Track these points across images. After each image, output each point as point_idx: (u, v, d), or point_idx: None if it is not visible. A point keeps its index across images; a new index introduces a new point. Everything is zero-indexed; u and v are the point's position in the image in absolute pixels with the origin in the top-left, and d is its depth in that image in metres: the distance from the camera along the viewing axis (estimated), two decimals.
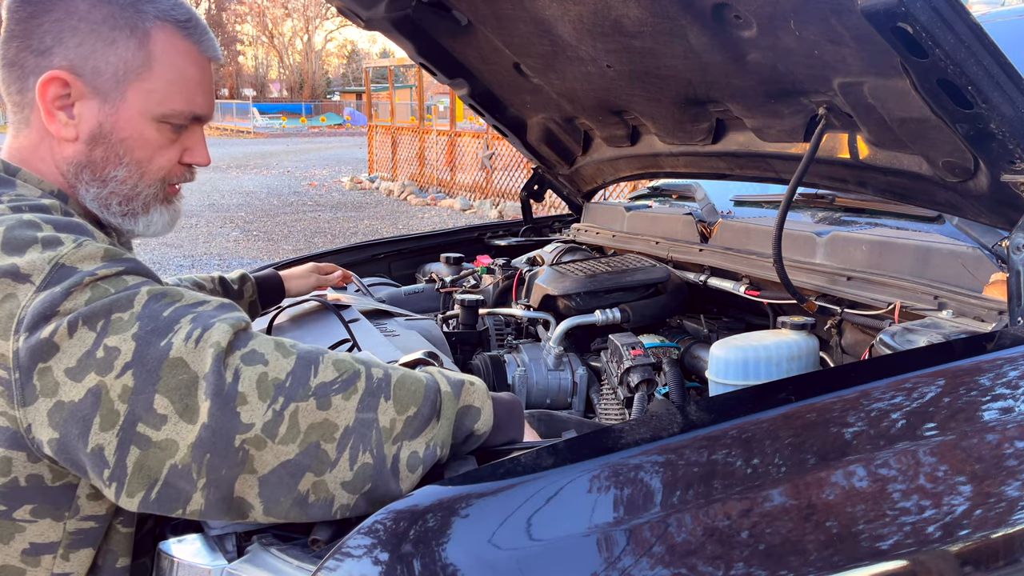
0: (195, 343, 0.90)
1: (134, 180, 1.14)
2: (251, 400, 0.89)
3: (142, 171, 1.14)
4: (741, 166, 1.97)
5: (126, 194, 1.14)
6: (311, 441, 0.92)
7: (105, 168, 1.12)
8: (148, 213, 1.17)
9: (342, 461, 0.93)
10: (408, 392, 0.99)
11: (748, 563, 0.90)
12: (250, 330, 0.96)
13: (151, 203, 1.17)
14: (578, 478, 0.94)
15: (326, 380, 0.94)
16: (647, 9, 1.52)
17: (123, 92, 1.10)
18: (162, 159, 1.15)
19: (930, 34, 1.08)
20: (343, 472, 0.94)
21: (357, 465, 0.94)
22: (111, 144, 1.11)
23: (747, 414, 1.03)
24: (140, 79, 1.10)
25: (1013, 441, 1.06)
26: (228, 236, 9.53)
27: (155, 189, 1.16)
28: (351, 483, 0.94)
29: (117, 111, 1.10)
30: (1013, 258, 1.27)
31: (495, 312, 2.15)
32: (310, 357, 0.95)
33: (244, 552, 1.00)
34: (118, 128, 1.11)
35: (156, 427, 0.88)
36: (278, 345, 0.95)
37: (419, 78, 14.25)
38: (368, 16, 2.10)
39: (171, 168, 1.17)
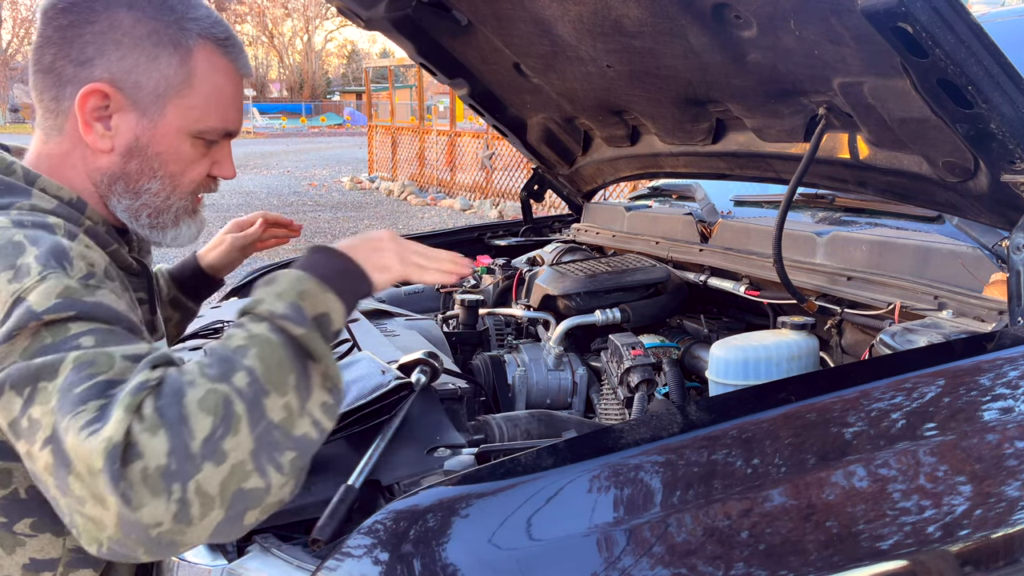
0: (87, 436, 0.83)
1: (166, 193, 1.15)
2: (147, 501, 0.82)
3: (175, 184, 1.15)
4: (741, 166, 1.97)
5: (157, 206, 1.15)
6: (231, 492, 0.85)
7: (139, 181, 1.13)
8: (177, 226, 1.19)
9: (271, 478, 0.88)
10: (276, 370, 0.91)
11: (748, 563, 0.90)
12: (144, 408, 0.86)
13: (181, 216, 1.19)
14: (578, 478, 0.94)
15: (206, 434, 0.85)
16: (647, 9, 1.52)
17: (162, 107, 1.10)
18: (194, 173, 1.17)
19: (930, 34, 1.09)
20: (278, 483, 0.89)
21: (286, 467, 0.90)
22: (146, 157, 1.12)
23: (747, 414, 1.03)
24: (180, 96, 1.11)
25: (1013, 441, 1.06)
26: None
27: (186, 202, 1.18)
28: (292, 480, 0.91)
29: (155, 126, 1.11)
30: (1013, 258, 1.27)
31: (495, 312, 2.15)
32: (179, 417, 0.86)
33: (244, 552, 1.01)
34: (155, 142, 1.11)
35: (81, 505, 0.84)
36: (148, 424, 0.85)
37: (419, 78, 14.25)
38: (368, 16, 2.10)
39: (200, 181, 1.19)
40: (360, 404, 1.22)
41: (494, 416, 1.48)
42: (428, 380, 1.39)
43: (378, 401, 1.24)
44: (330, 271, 1.04)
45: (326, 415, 0.95)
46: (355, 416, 1.22)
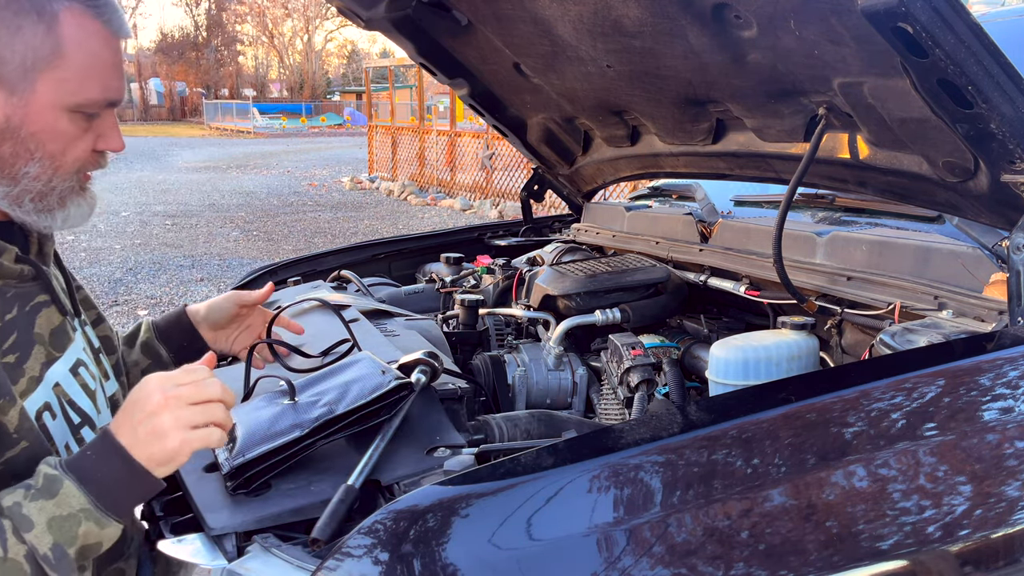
0: None
1: (48, 175, 1.05)
2: None
3: (56, 165, 1.05)
4: (741, 166, 1.97)
5: (40, 191, 1.05)
6: None
7: (15, 165, 1.03)
8: (65, 207, 1.09)
9: None
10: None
11: (748, 563, 0.90)
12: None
13: (67, 196, 1.08)
14: (578, 478, 0.94)
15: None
16: (647, 9, 1.52)
17: (32, 82, 1.00)
18: (76, 151, 1.06)
19: (930, 34, 1.08)
20: None
21: None
22: (20, 139, 1.01)
23: (747, 414, 1.03)
24: (51, 68, 1.00)
25: (1013, 441, 1.06)
26: (228, 236, 9.53)
27: (71, 182, 1.08)
28: None
29: (26, 103, 1.00)
30: (1013, 258, 1.27)
31: (495, 312, 2.15)
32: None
33: (244, 552, 1.01)
34: (28, 121, 1.01)
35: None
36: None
37: (419, 78, 14.25)
38: (368, 16, 2.10)
39: (85, 157, 1.09)
40: (360, 404, 1.22)
41: (494, 416, 1.48)
42: (428, 380, 1.39)
43: (378, 401, 1.24)
44: (122, 496, 0.97)
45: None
46: (355, 416, 1.22)
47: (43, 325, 1.10)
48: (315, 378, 1.34)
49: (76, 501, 0.94)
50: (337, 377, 1.32)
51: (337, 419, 1.20)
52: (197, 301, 6.25)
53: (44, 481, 0.95)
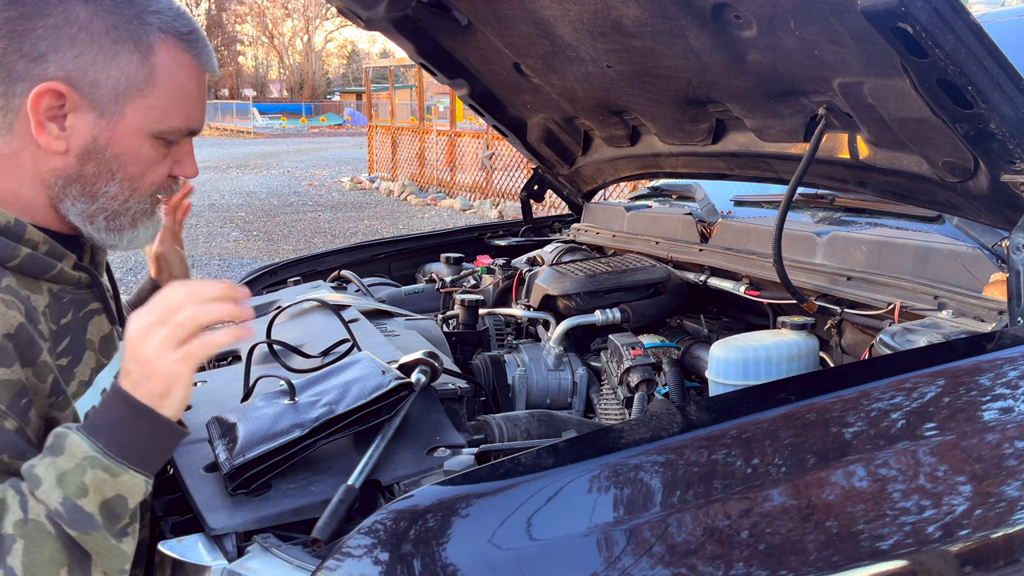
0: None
1: (125, 196, 1.09)
2: None
3: (134, 187, 1.09)
4: (741, 166, 1.97)
5: (115, 210, 1.09)
6: None
7: (96, 184, 1.06)
8: (135, 228, 1.12)
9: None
10: (43, 567, 0.88)
11: (748, 563, 0.90)
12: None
13: (139, 218, 1.12)
14: (578, 478, 0.94)
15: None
16: (647, 9, 1.52)
17: (122, 107, 1.04)
18: (154, 175, 1.11)
19: (930, 34, 1.09)
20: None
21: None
22: (104, 160, 1.05)
23: (747, 414, 1.03)
24: (141, 95, 1.05)
25: (1013, 441, 1.06)
26: (228, 236, 9.53)
27: (145, 204, 1.12)
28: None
29: (114, 126, 1.04)
30: (1013, 258, 1.27)
31: (495, 312, 2.15)
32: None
33: (244, 552, 1.01)
34: (113, 144, 1.05)
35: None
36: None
37: (419, 78, 14.25)
38: (368, 16, 2.10)
39: (161, 182, 1.13)
40: (360, 404, 1.22)
41: (494, 416, 1.48)
42: (428, 380, 1.39)
43: (378, 401, 1.24)
44: (126, 435, 0.94)
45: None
46: (355, 416, 1.22)
47: (94, 332, 1.13)
48: (315, 378, 1.34)
49: (79, 451, 0.92)
50: (337, 377, 1.32)
51: (337, 419, 1.20)
52: None
53: (53, 439, 0.94)
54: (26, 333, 0.97)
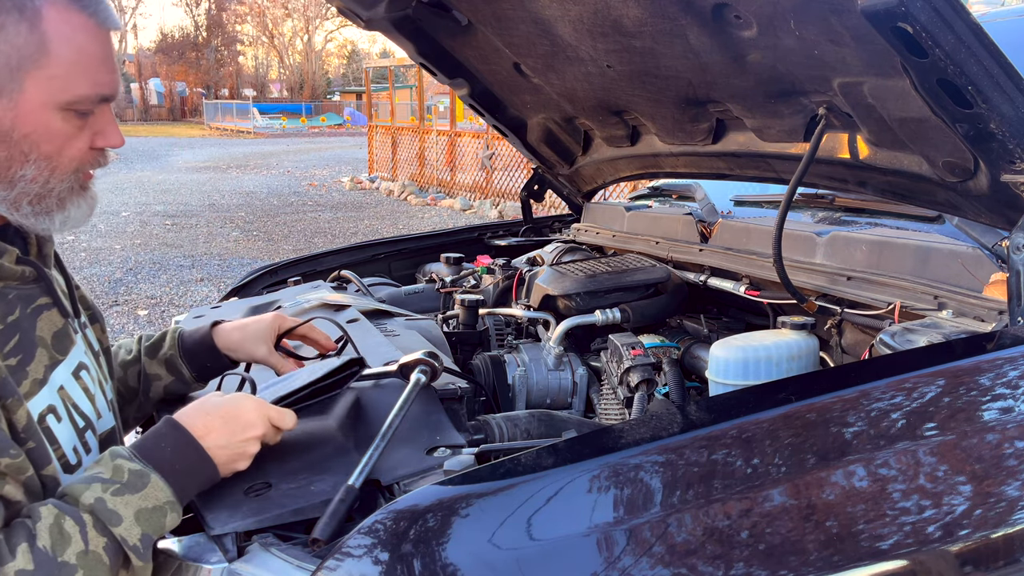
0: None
1: (44, 177, 1.02)
2: None
3: (53, 166, 1.03)
4: (741, 166, 1.97)
5: (37, 193, 1.03)
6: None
7: (10, 168, 1.00)
8: (64, 209, 1.06)
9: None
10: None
11: (748, 563, 0.90)
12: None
13: (66, 198, 1.06)
14: (578, 478, 0.94)
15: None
16: (647, 9, 1.52)
17: (20, 83, 0.97)
18: (72, 150, 1.04)
19: (930, 34, 1.09)
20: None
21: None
22: (13, 142, 0.99)
23: (747, 414, 1.03)
24: (37, 66, 0.97)
25: (1013, 441, 1.06)
26: (228, 236, 9.53)
27: (69, 183, 1.05)
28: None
29: (16, 105, 0.98)
30: (1013, 258, 1.27)
31: (495, 312, 2.15)
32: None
33: (244, 552, 1.00)
34: (19, 123, 0.98)
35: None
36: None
37: (419, 78, 14.25)
38: (368, 16, 2.10)
39: (83, 156, 1.06)
40: (309, 382, 1.27)
41: (494, 416, 1.48)
42: (428, 380, 1.39)
43: (327, 378, 1.28)
44: (191, 484, 1.05)
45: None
46: (304, 392, 1.27)
47: (45, 328, 1.09)
48: (282, 378, 1.37)
49: (162, 495, 1.00)
50: (300, 373, 1.36)
51: (285, 396, 1.25)
52: (197, 301, 6.13)
53: (129, 476, 0.99)
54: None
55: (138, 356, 1.42)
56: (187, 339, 1.43)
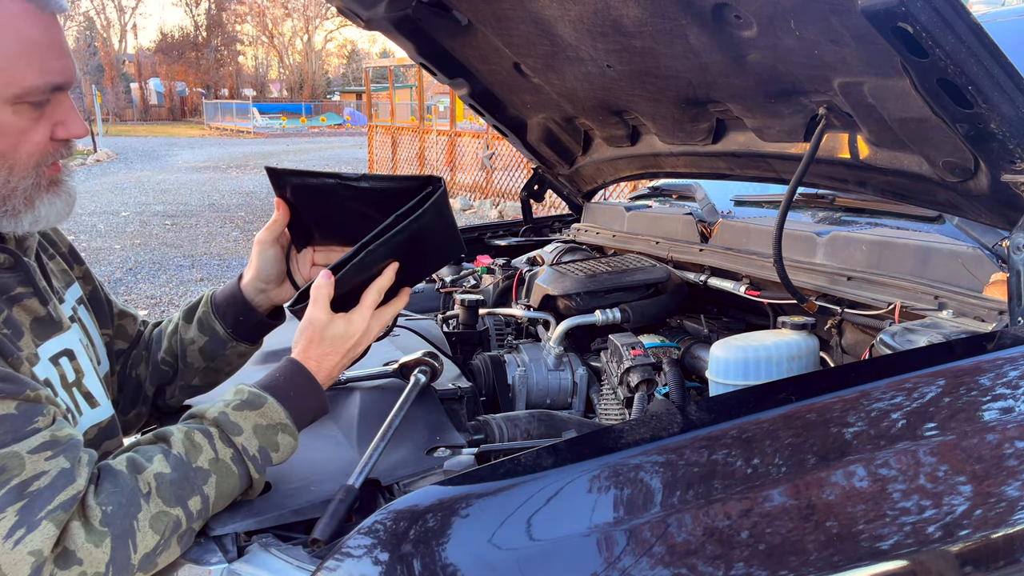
0: (13, 544, 0.86)
1: (3, 176, 0.99)
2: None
3: (10, 164, 0.99)
4: (741, 166, 1.97)
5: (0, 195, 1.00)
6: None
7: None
8: (33, 207, 1.03)
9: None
10: (226, 499, 1.04)
11: (748, 563, 0.90)
12: (91, 517, 0.90)
13: (33, 195, 1.02)
14: (578, 478, 0.94)
15: (148, 551, 0.93)
16: (647, 9, 1.52)
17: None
18: (29, 144, 1.00)
19: (930, 34, 1.08)
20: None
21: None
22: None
23: (747, 414, 1.03)
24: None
25: (1013, 441, 1.06)
26: (228, 236, 9.52)
27: (32, 179, 1.02)
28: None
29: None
30: (1013, 258, 1.27)
31: (495, 312, 2.15)
32: (127, 530, 0.91)
33: (244, 552, 1.00)
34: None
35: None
36: (94, 535, 0.89)
37: (419, 78, 14.24)
38: (368, 16, 2.09)
39: (43, 150, 1.02)
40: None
41: (494, 416, 1.48)
42: (428, 380, 1.39)
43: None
44: (308, 414, 1.15)
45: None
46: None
47: (23, 316, 1.08)
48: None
49: (276, 415, 1.09)
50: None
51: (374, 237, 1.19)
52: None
53: (249, 395, 1.09)
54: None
55: (177, 325, 1.41)
56: (218, 296, 1.39)
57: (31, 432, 0.92)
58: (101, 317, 1.34)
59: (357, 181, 1.24)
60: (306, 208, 1.32)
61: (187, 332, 1.39)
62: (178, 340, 1.40)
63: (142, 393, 1.41)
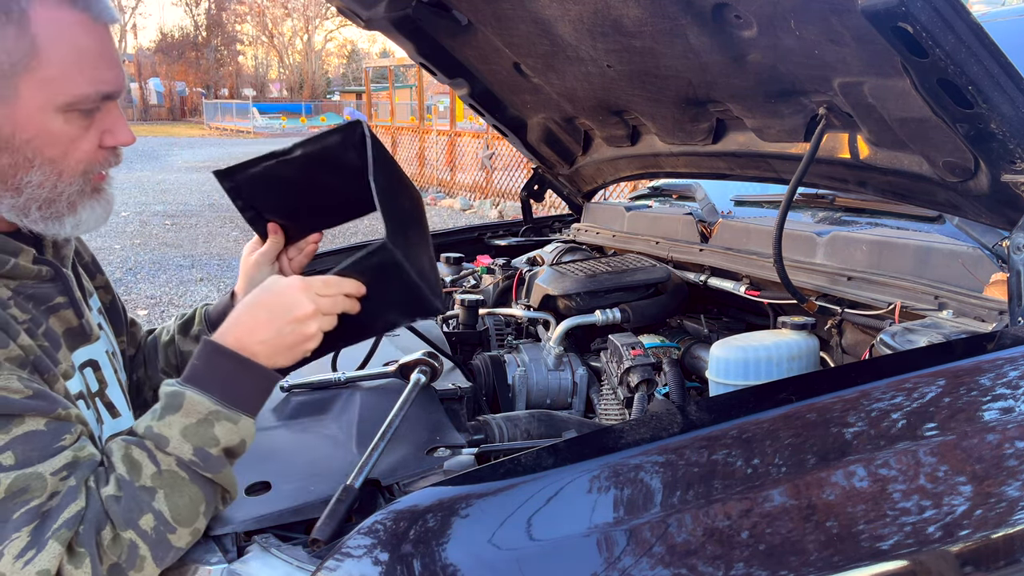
0: (24, 564, 0.87)
1: (52, 182, 1.01)
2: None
3: (59, 170, 1.01)
4: (741, 166, 1.97)
5: (46, 198, 1.02)
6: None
7: (16, 175, 0.99)
8: (75, 212, 1.05)
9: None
10: (186, 507, 0.97)
11: (748, 563, 0.90)
12: (80, 535, 0.91)
13: (77, 201, 1.05)
14: (578, 478, 0.94)
15: (111, 564, 0.92)
16: (647, 9, 1.52)
17: (14, 88, 0.95)
18: (79, 152, 1.02)
19: (930, 34, 1.08)
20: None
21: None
22: (16, 148, 0.98)
23: (747, 414, 1.03)
24: (29, 70, 0.95)
25: (1013, 441, 1.06)
26: (228, 236, 9.52)
27: (78, 185, 1.04)
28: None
29: (14, 111, 0.96)
30: (1013, 258, 1.27)
31: (495, 312, 2.15)
32: (95, 547, 0.91)
33: (244, 552, 1.01)
34: (19, 129, 0.97)
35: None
36: (75, 557, 0.90)
37: (419, 78, 14.25)
38: (368, 16, 2.09)
39: (91, 157, 1.04)
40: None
41: (494, 416, 1.48)
42: (428, 380, 1.39)
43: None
44: (248, 389, 1.03)
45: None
46: None
47: (57, 326, 1.10)
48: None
49: (202, 407, 1.00)
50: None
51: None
52: (197, 301, 6.13)
53: (166, 399, 1.01)
54: (0, 318, 0.97)
55: (173, 336, 1.44)
56: (211, 312, 1.43)
57: (57, 450, 0.93)
58: (117, 326, 1.36)
59: (292, 152, 1.25)
60: (263, 199, 1.35)
61: (184, 344, 1.43)
62: (175, 351, 1.43)
63: (141, 397, 1.43)
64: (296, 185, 1.31)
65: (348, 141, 1.24)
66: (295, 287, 1.06)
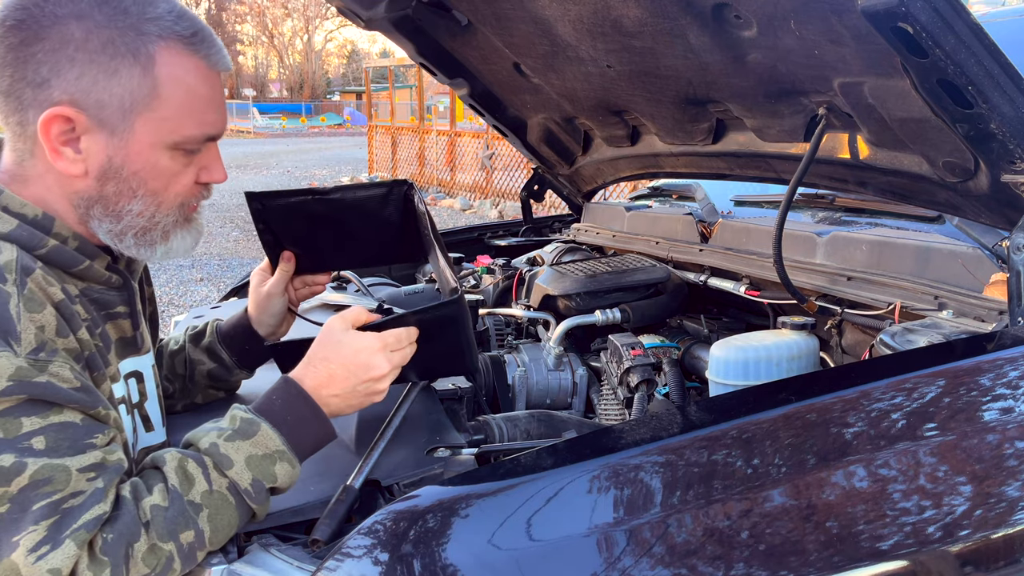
0: (36, 559, 0.87)
1: (151, 212, 1.08)
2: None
3: (159, 201, 1.08)
4: (741, 166, 1.97)
5: (143, 226, 1.08)
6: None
7: (119, 203, 1.05)
8: (167, 241, 1.12)
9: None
10: (223, 531, 0.99)
11: (748, 563, 0.90)
12: (94, 543, 0.91)
13: (170, 230, 1.11)
14: (578, 478, 0.94)
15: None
16: (647, 9, 1.52)
17: (131, 124, 1.02)
18: (178, 186, 1.09)
19: (930, 34, 1.08)
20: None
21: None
22: (123, 178, 1.04)
23: (747, 414, 1.03)
24: (148, 109, 1.02)
25: (1013, 441, 1.06)
26: (228, 236, 9.53)
27: (174, 216, 1.11)
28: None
29: (126, 144, 1.03)
30: (1013, 258, 1.27)
31: (495, 312, 2.15)
32: (123, 558, 0.91)
33: (244, 552, 1.01)
34: (129, 161, 1.03)
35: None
36: (95, 563, 0.90)
37: (419, 78, 14.25)
38: (368, 16, 2.09)
39: (188, 191, 1.11)
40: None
41: (494, 416, 1.48)
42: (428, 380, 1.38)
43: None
44: (309, 439, 1.08)
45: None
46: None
47: (113, 332, 1.13)
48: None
49: (272, 443, 1.04)
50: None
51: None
52: (197, 302, 6.12)
53: (241, 423, 1.04)
54: (67, 308, 1.00)
55: (183, 345, 1.47)
56: (223, 326, 1.48)
57: (87, 447, 0.94)
58: (153, 337, 1.38)
59: (330, 193, 1.32)
60: (285, 229, 1.40)
61: (195, 354, 1.46)
62: (184, 360, 1.46)
63: None
64: (323, 223, 1.37)
65: (392, 197, 1.33)
66: (374, 348, 1.11)
